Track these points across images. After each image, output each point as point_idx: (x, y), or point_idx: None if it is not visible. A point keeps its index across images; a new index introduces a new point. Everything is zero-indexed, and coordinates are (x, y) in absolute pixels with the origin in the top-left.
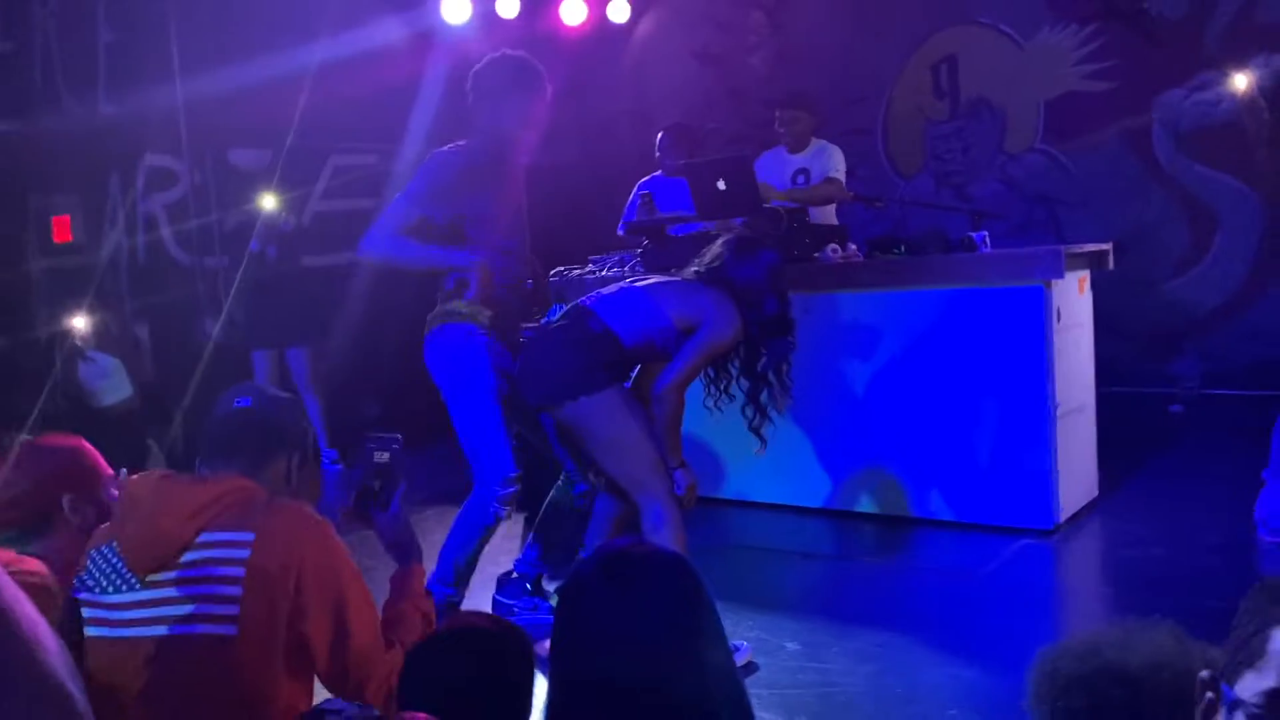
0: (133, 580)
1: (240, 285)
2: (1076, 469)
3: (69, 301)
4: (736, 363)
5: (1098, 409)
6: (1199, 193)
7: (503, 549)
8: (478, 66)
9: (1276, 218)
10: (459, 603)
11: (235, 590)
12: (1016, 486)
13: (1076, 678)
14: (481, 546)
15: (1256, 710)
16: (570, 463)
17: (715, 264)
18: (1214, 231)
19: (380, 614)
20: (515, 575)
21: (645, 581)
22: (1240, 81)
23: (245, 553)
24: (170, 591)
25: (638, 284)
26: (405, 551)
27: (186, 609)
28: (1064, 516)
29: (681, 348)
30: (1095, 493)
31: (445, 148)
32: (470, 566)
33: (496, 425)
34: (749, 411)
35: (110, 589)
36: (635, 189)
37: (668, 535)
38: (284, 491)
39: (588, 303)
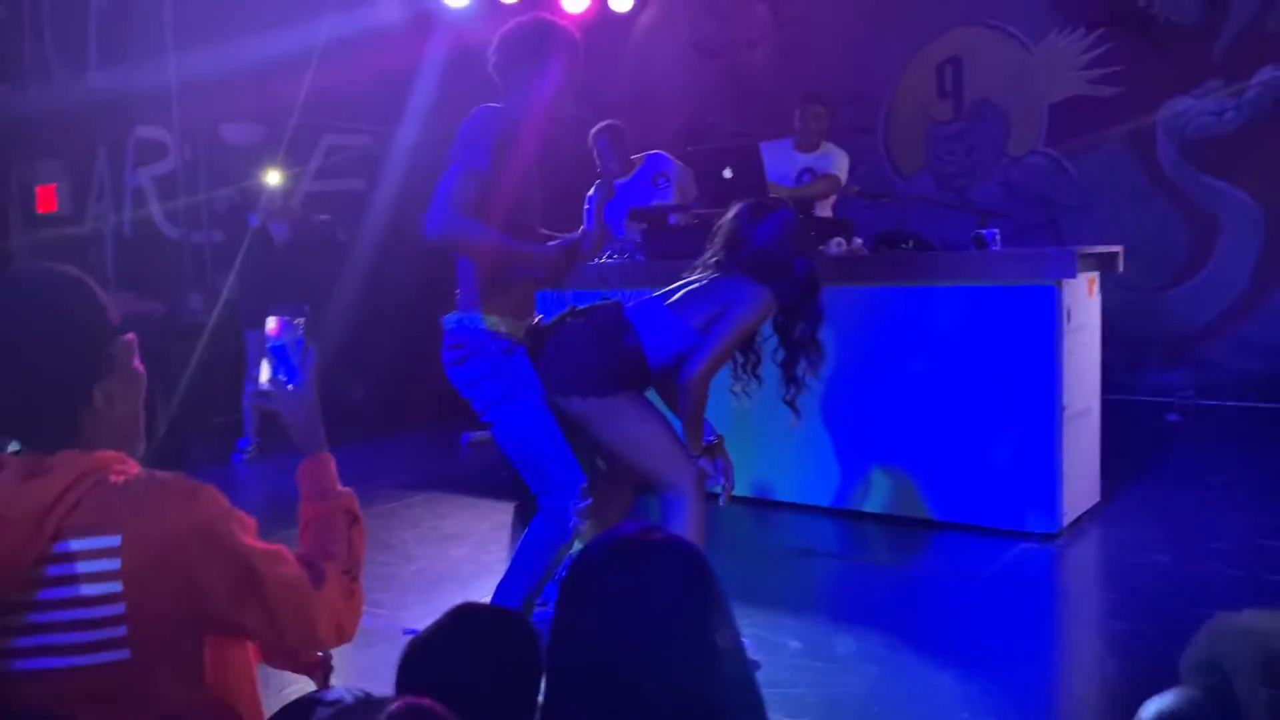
0: None
1: (243, 261)
2: (1081, 473)
3: None
4: (762, 341)
5: (1103, 416)
6: (1201, 201)
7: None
8: (504, 29)
9: (1276, 228)
10: None
11: (116, 609)
12: (1022, 489)
13: None
14: (556, 567)
15: None
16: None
17: (730, 238)
18: (1214, 241)
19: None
20: None
21: (653, 567)
22: (1248, 91)
23: (115, 563)
24: (38, 617)
25: (670, 301)
26: (310, 437)
27: (66, 637)
28: (1067, 521)
29: (708, 334)
30: (1097, 498)
31: (483, 106)
32: (541, 590)
33: (558, 434)
34: (786, 385)
35: None
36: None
37: (685, 527)
38: (113, 431)
39: (630, 314)
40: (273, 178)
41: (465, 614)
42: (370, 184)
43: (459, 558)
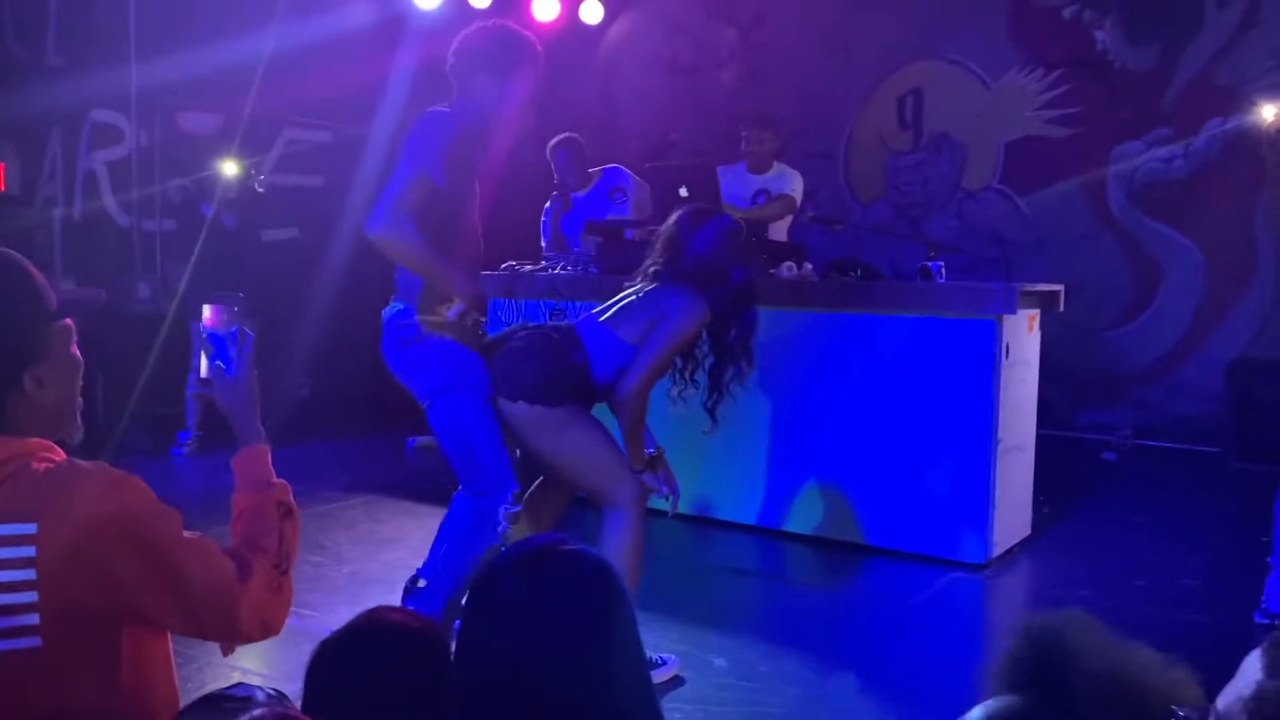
0: None
1: (200, 252)
2: (1012, 506)
3: None
4: (702, 347)
5: (1036, 450)
6: (1147, 245)
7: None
8: (469, 31)
9: (1217, 276)
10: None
11: (29, 597)
12: (953, 518)
13: None
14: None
15: None
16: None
17: (669, 243)
18: (1158, 285)
19: (233, 509)
20: (423, 583)
21: (559, 578)
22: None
23: (30, 550)
24: None
25: (605, 318)
26: (248, 426)
27: None
28: (997, 552)
29: (642, 348)
30: (1028, 531)
31: (434, 110)
32: (465, 594)
33: (498, 435)
34: (709, 391)
35: None
36: (544, 211)
37: (624, 542)
38: (44, 417)
39: (581, 331)
40: (229, 168)
41: (376, 618)
42: (329, 181)
43: (392, 561)
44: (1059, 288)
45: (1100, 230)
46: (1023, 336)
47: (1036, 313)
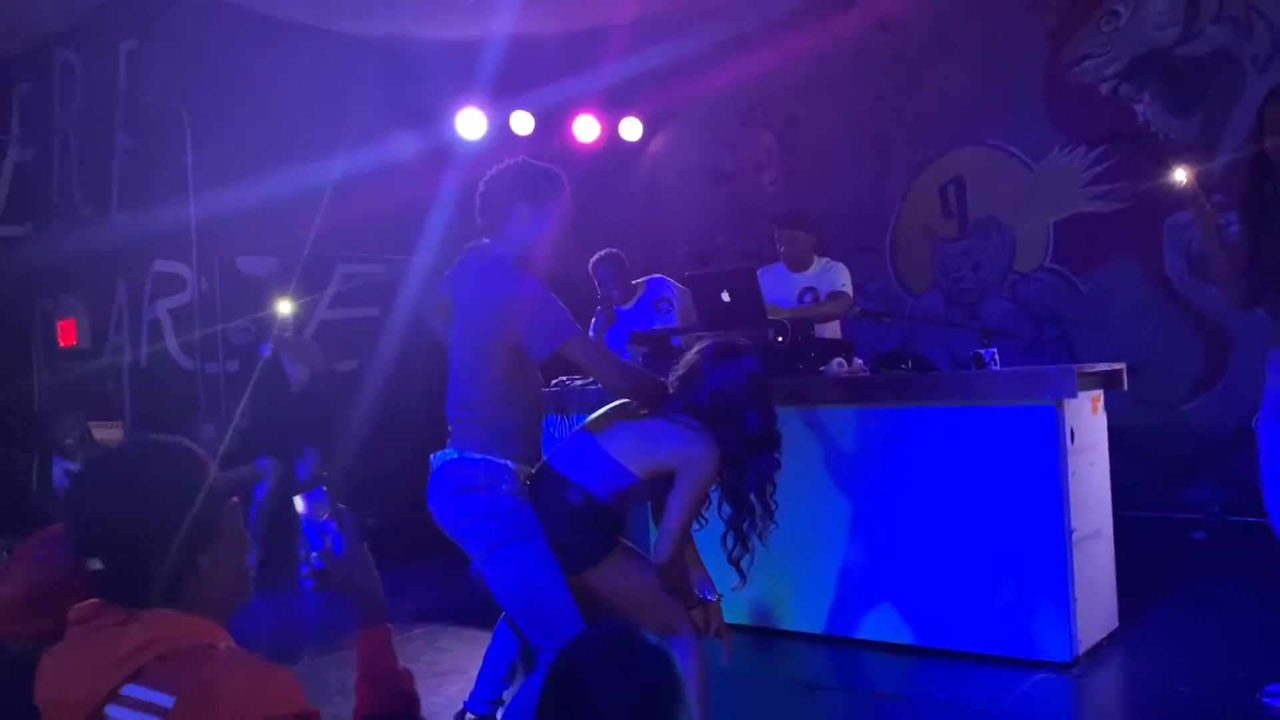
0: None
1: (253, 391)
2: (1095, 597)
3: (72, 405)
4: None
5: (1116, 535)
6: (1212, 314)
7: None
8: (494, 171)
9: None
10: None
11: None
12: (1032, 615)
13: None
14: None
15: None
16: None
17: (689, 374)
18: (1229, 353)
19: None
20: (470, 717)
21: (637, 667)
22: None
23: None
24: None
25: (595, 433)
26: (368, 603)
27: None
28: (1083, 649)
29: (666, 508)
30: (1115, 624)
31: (499, 268)
32: None
33: (564, 583)
34: (729, 541)
35: None
36: (590, 326)
37: (688, 666)
38: (217, 593)
39: (558, 467)
40: (284, 307)
41: None
42: (385, 311)
43: (454, 695)
44: (1120, 366)
45: (1162, 302)
46: (1087, 419)
47: (1100, 393)
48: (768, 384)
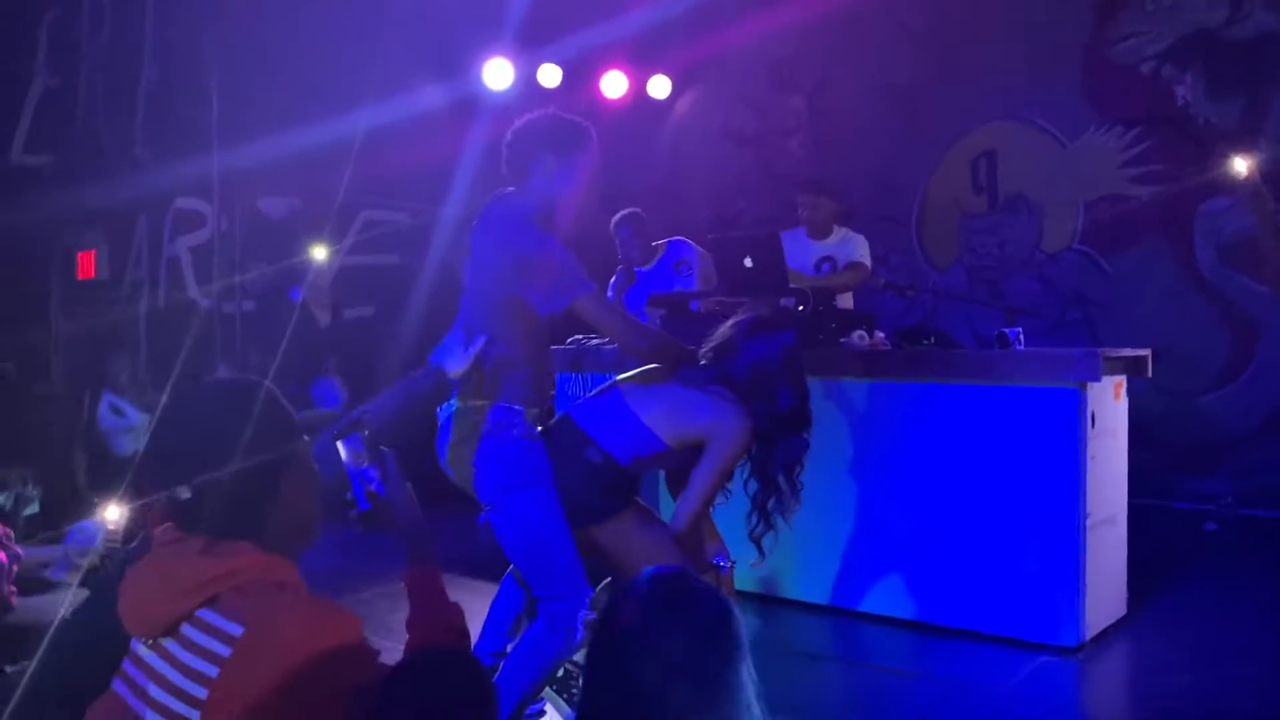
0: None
1: (291, 337)
2: (1105, 584)
3: (89, 338)
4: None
5: (1128, 522)
6: (1240, 304)
7: None
8: (524, 120)
9: None
10: None
11: (200, 692)
12: (1041, 598)
13: None
14: (554, 676)
15: None
16: None
17: (723, 346)
18: (1255, 345)
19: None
20: None
21: (697, 613)
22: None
23: (225, 650)
24: (152, 660)
25: (626, 391)
26: (418, 544)
27: (153, 689)
28: (1090, 634)
29: (691, 478)
30: (1123, 610)
31: (520, 221)
32: (537, 698)
33: (570, 535)
34: (754, 519)
35: None
36: (609, 286)
37: None
38: (293, 526)
39: (580, 422)
40: (319, 253)
41: (419, 659)
42: (406, 260)
43: None
44: (1146, 352)
45: (1189, 289)
46: (1109, 404)
47: (1123, 379)
48: (803, 361)
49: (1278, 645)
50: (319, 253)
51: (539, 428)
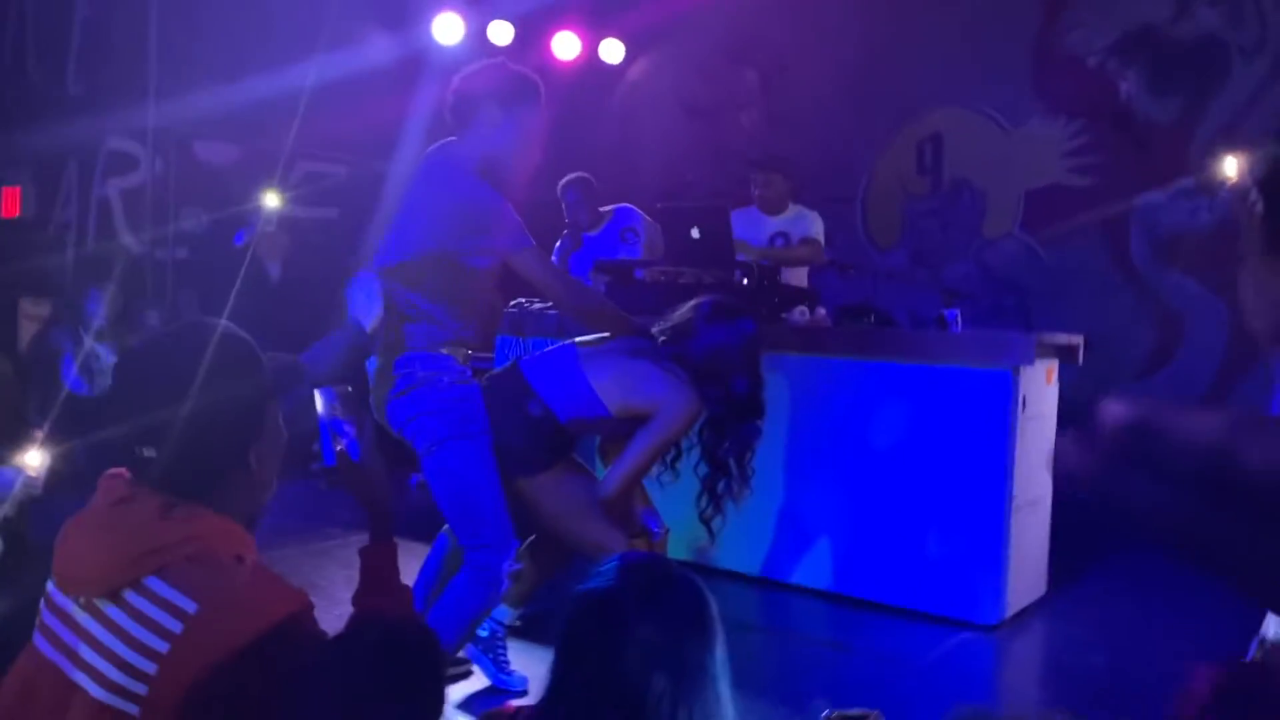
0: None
1: (238, 290)
2: (1027, 564)
3: (10, 280)
4: (692, 438)
5: (1055, 506)
6: (1169, 298)
7: None
8: (470, 69)
9: (1243, 332)
10: None
11: (149, 667)
12: (964, 576)
13: None
14: (476, 628)
15: None
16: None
17: (682, 327)
18: (1180, 338)
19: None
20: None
21: (679, 606)
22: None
23: (177, 626)
24: (92, 626)
25: (581, 354)
26: (381, 517)
27: (97, 661)
28: (1010, 613)
29: (631, 441)
30: (1043, 590)
31: (460, 169)
32: (461, 650)
33: (499, 487)
34: (703, 501)
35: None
36: (555, 250)
37: None
38: (252, 491)
39: (528, 375)
40: (270, 200)
41: (364, 622)
42: (345, 213)
43: None
44: (1078, 339)
45: (1122, 281)
46: (1040, 388)
47: (1055, 364)
48: (760, 350)
49: (1190, 626)
50: (270, 200)
51: (470, 371)
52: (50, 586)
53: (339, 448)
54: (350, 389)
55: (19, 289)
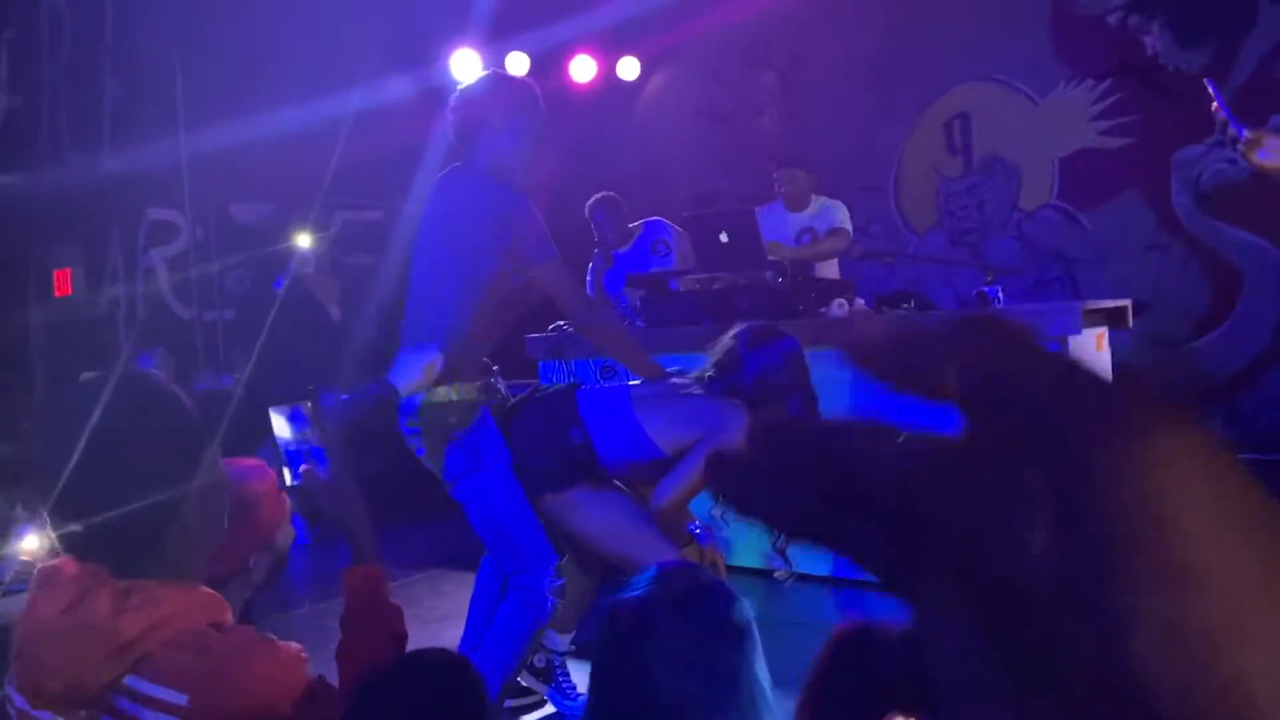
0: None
1: (273, 326)
2: None
3: (68, 356)
4: None
5: None
6: (1221, 251)
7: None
8: (461, 91)
9: None
10: None
11: None
12: None
13: None
14: (532, 650)
15: None
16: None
17: (726, 360)
18: (1237, 291)
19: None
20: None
21: (711, 617)
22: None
23: None
24: None
25: (634, 396)
26: (359, 535)
27: None
28: None
29: (689, 452)
30: None
31: (485, 181)
32: (519, 675)
33: (528, 508)
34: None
35: None
36: (588, 270)
37: None
38: (196, 545)
39: (582, 406)
40: (303, 240)
41: (409, 662)
42: (380, 260)
43: (453, 639)
44: (1126, 303)
45: (1169, 239)
46: (1091, 355)
47: (1104, 330)
48: (806, 366)
49: None
50: (303, 240)
51: (486, 392)
52: (16, 698)
53: (305, 467)
54: (311, 404)
55: (79, 367)
